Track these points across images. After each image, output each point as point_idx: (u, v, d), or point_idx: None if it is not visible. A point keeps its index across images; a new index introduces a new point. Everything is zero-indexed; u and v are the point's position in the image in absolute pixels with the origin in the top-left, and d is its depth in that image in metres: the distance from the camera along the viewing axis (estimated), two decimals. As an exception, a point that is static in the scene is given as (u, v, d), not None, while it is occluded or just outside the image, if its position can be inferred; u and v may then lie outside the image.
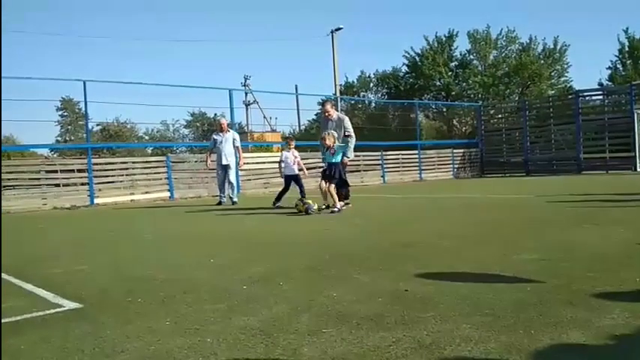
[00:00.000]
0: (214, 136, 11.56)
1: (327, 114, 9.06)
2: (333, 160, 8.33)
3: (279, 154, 21.07)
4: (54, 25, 70.20)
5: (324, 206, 8.34)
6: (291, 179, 9.94)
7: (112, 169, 15.14)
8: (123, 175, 15.12)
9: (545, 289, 2.85)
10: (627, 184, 12.09)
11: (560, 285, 2.93)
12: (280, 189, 10.14)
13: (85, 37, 72.31)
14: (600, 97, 23.69)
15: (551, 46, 32.67)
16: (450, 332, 2.23)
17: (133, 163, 15.88)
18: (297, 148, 10.61)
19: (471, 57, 34.06)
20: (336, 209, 8.08)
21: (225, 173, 11.38)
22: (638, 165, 19.42)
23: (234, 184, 11.75)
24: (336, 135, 8.46)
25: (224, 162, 11.27)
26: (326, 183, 8.32)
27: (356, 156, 21.18)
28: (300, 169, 10.11)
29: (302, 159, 10.37)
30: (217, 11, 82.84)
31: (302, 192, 9.69)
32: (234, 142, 11.44)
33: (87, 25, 73.00)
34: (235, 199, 11.45)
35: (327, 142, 8.32)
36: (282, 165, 9.92)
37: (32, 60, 62.41)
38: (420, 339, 2.17)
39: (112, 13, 76.46)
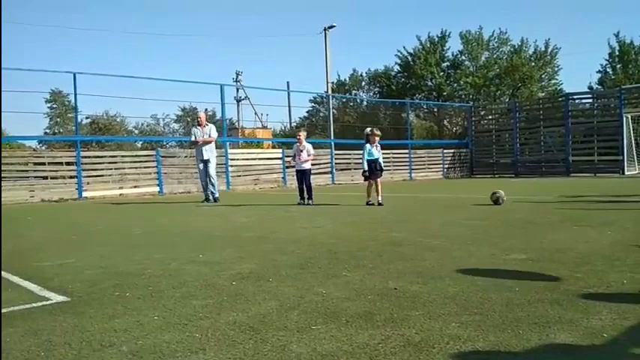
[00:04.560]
0: (194, 130, 11.38)
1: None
2: (378, 156, 9.00)
3: (269, 150, 21.10)
4: (43, 16, 69.55)
5: (371, 202, 8.83)
6: (302, 175, 9.78)
7: (101, 163, 15.07)
8: (112, 169, 15.05)
9: (533, 290, 2.87)
10: (615, 186, 12.20)
11: (548, 285, 2.94)
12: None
13: (75, 29, 71.73)
14: (590, 100, 23.93)
15: (543, 49, 32.86)
16: (438, 331, 2.24)
17: (123, 157, 15.79)
18: (286, 145, 10.57)
19: (463, 58, 34.16)
20: (370, 202, 8.85)
21: (205, 168, 11.11)
22: (625, 168, 19.61)
23: (214, 179, 11.36)
24: (379, 133, 9.26)
25: (205, 157, 11.03)
26: (374, 180, 8.96)
27: (346, 154, 21.34)
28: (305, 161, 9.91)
29: (292, 156, 10.25)
30: (210, 5, 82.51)
31: (309, 191, 9.60)
32: (210, 135, 11.17)
33: (77, 16, 72.45)
34: (217, 195, 11.17)
35: (377, 138, 9.02)
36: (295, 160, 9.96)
37: (21, 51, 61.76)
38: (409, 337, 2.17)
39: (103, 5, 75.89)
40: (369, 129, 9.29)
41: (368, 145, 9.04)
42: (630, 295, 2.75)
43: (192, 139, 11.31)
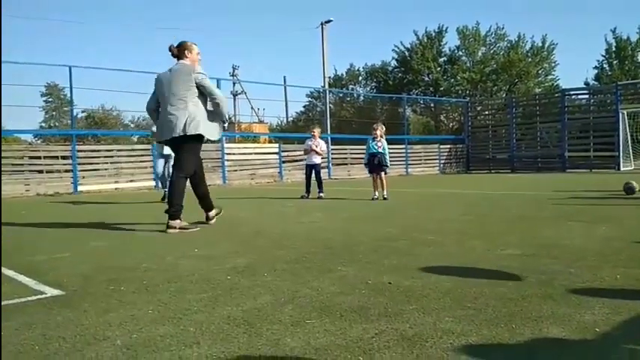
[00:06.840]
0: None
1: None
2: (381, 151, 9.10)
3: (265, 145, 21.08)
4: (40, 9, 69.19)
5: (375, 197, 8.94)
6: (311, 169, 10.15)
7: (97, 157, 15.04)
8: (108, 163, 15.02)
9: (527, 285, 2.88)
10: (610, 182, 12.24)
11: (542, 280, 2.96)
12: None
13: (71, 23, 71.37)
14: (586, 96, 24.00)
15: (540, 44, 32.91)
16: (432, 325, 2.25)
17: (118, 151, 15.76)
18: (283, 140, 10.68)
19: (460, 53, 34.20)
20: (374, 197, 8.96)
21: (165, 163, 10.08)
22: (621, 164, 19.68)
23: None
24: (384, 128, 9.42)
25: (166, 151, 9.72)
26: (377, 174, 9.14)
27: (343, 149, 21.33)
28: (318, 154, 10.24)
29: (288, 151, 10.37)
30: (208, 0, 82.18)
31: (319, 184, 9.94)
32: None
33: (73, 10, 72.07)
34: None
35: (378, 132, 9.15)
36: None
37: (17, 44, 61.46)
38: (403, 331, 2.18)
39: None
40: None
41: (370, 139, 9.28)
42: (623, 291, 2.76)
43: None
